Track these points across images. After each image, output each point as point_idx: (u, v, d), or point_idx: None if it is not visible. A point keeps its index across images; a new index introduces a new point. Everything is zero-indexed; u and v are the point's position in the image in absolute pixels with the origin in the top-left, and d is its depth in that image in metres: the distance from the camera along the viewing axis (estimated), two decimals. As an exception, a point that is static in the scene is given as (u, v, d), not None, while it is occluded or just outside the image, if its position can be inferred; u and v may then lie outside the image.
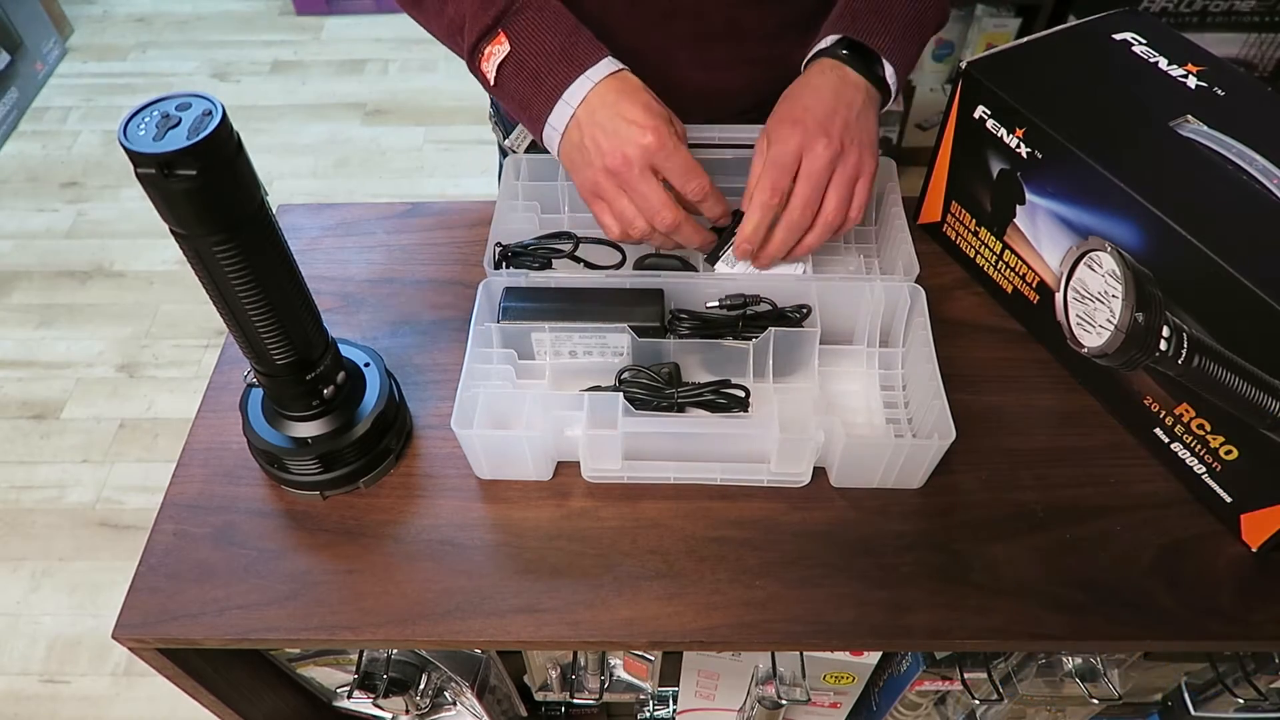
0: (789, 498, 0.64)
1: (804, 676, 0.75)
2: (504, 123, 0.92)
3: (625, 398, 0.62)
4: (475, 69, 0.68)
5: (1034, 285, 0.71)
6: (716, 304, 0.68)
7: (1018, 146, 0.66)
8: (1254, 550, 0.60)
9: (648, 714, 0.97)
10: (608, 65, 0.64)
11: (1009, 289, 0.74)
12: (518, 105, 0.67)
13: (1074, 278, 0.66)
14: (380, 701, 0.79)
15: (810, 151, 0.64)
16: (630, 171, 0.62)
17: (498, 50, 0.65)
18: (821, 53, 0.69)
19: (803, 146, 0.64)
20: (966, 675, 0.74)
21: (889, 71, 0.68)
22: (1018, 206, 0.69)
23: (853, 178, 0.65)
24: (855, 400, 0.69)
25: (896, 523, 0.62)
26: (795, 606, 0.58)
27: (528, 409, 0.65)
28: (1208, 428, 0.60)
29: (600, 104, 0.63)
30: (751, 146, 0.75)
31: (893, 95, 0.70)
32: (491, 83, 0.67)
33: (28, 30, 2.55)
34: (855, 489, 0.64)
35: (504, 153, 1.00)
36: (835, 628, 0.58)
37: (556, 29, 0.65)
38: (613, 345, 0.67)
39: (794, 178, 0.64)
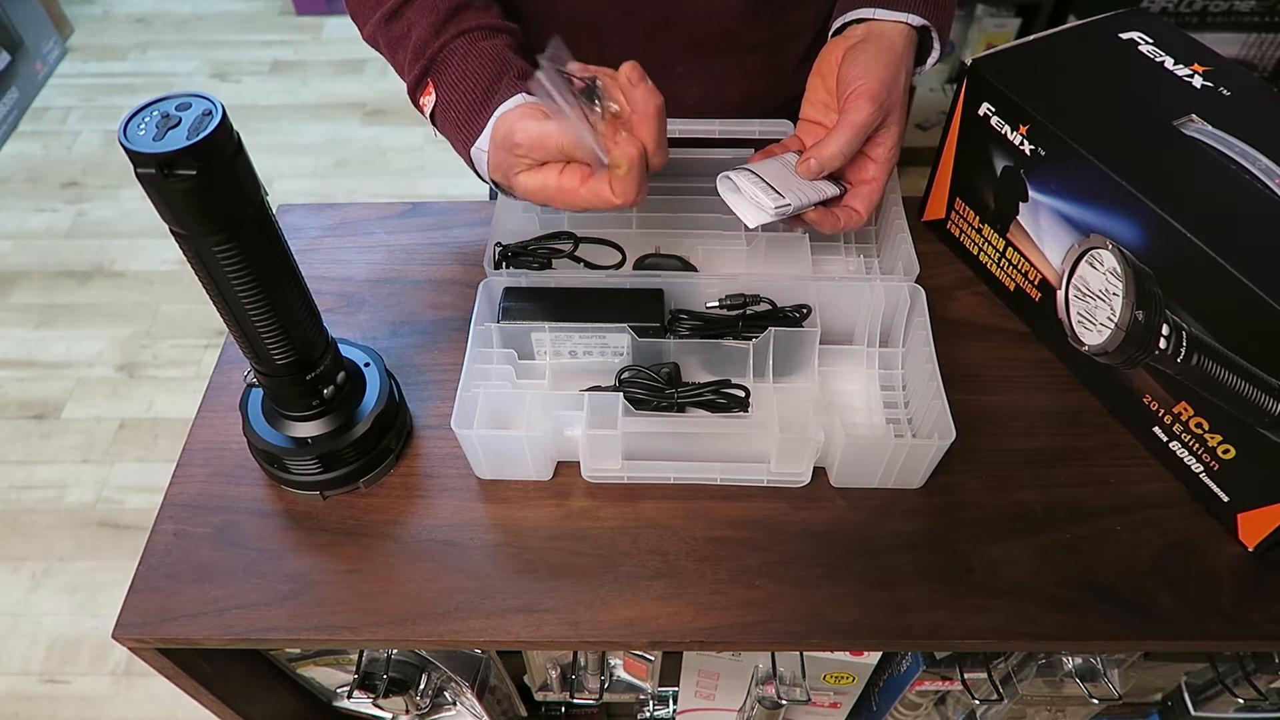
0: (789, 498, 0.64)
1: (804, 676, 0.75)
2: None
3: (625, 398, 0.62)
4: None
5: (1036, 283, 0.71)
6: (716, 304, 0.68)
7: (1021, 143, 0.66)
8: (1251, 550, 0.60)
9: (648, 714, 0.97)
10: (514, 102, 0.62)
11: (1011, 286, 0.74)
12: (458, 152, 0.66)
13: (1075, 275, 0.66)
14: (380, 701, 0.78)
15: (881, 142, 0.65)
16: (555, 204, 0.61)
17: (427, 101, 0.65)
18: (904, 20, 0.67)
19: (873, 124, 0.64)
20: (966, 675, 0.74)
21: (932, 58, 0.69)
22: (1021, 204, 0.69)
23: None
24: (855, 400, 0.69)
25: (896, 523, 0.62)
26: (795, 606, 0.58)
27: (528, 409, 0.65)
28: (1206, 426, 0.60)
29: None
30: (748, 144, 0.75)
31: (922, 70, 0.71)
32: (435, 134, 0.67)
33: (28, 30, 2.55)
34: (855, 489, 0.64)
35: None
36: (835, 628, 0.58)
37: (481, 76, 0.64)
38: (613, 345, 0.67)
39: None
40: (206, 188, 0.45)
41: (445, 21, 0.65)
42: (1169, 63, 0.67)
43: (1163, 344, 0.60)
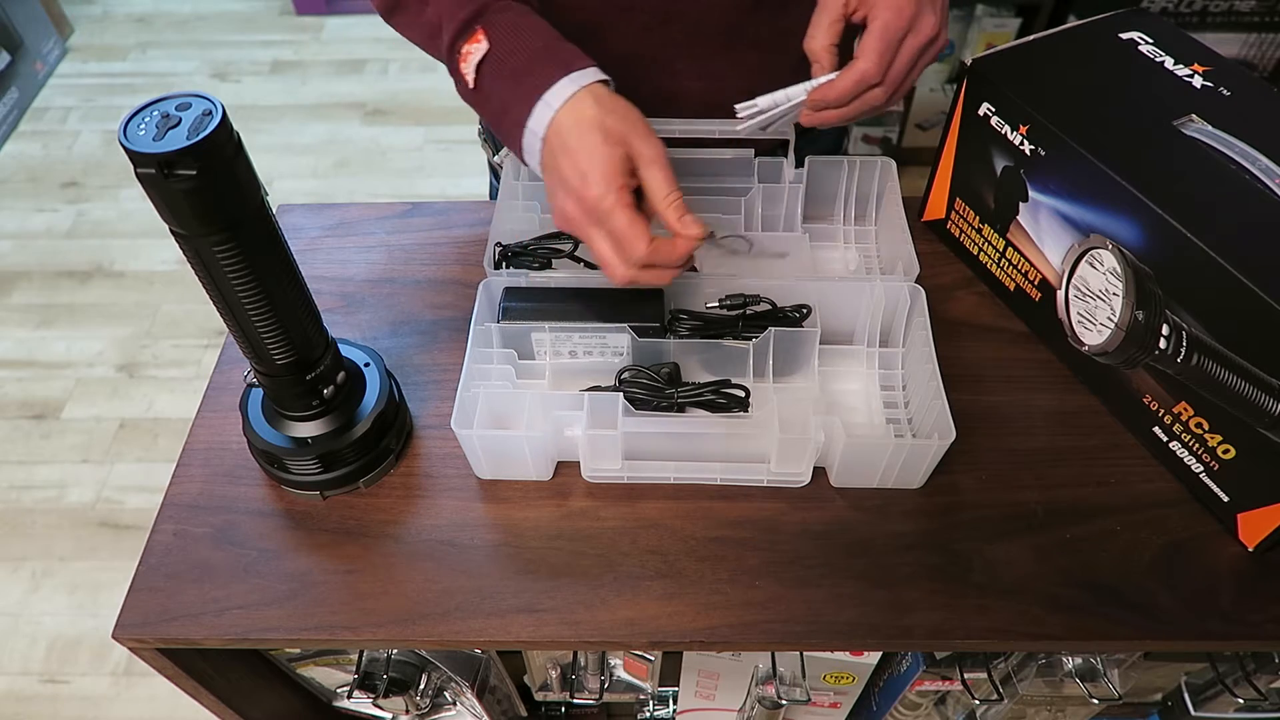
0: (789, 498, 0.64)
1: (804, 676, 0.75)
2: (493, 139, 0.92)
3: (625, 398, 0.62)
4: (455, 72, 0.65)
5: (1036, 283, 0.71)
6: (716, 304, 0.68)
7: (1021, 143, 0.66)
8: (1251, 550, 0.60)
9: (648, 714, 0.97)
10: (595, 73, 0.61)
11: (1011, 286, 0.74)
12: (497, 109, 0.63)
13: (1075, 275, 0.66)
14: (380, 701, 0.78)
15: (917, 29, 0.63)
16: (577, 224, 0.59)
17: (475, 49, 0.62)
18: None
19: (914, 19, 0.63)
20: (966, 675, 0.74)
21: None
22: (1021, 204, 0.69)
23: (934, 56, 0.66)
24: (855, 400, 0.69)
25: (896, 523, 0.62)
26: (795, 606, 0.58)
27: (528, 409, 0.65)
28: (1206, 426, 0.60)
29: (571, 124, 0.59)
30: (749, 144, 0.75)
31: None
32: (471, 85, 0.64)
33: (28, 30, 2.55)
34: (855, 489, 0.64)
35: (494, 171, 1.00)
36: (835, 628, 0.58)
37: (540, 31, 0.62)
38: (613, 345, 0.67)
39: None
40: (206, 188, 0.45)
41: None
42: (1169, 63, 0.67)
43: (1163, 344, 0.60)
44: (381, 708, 0.83)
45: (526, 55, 0.61)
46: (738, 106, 0.68)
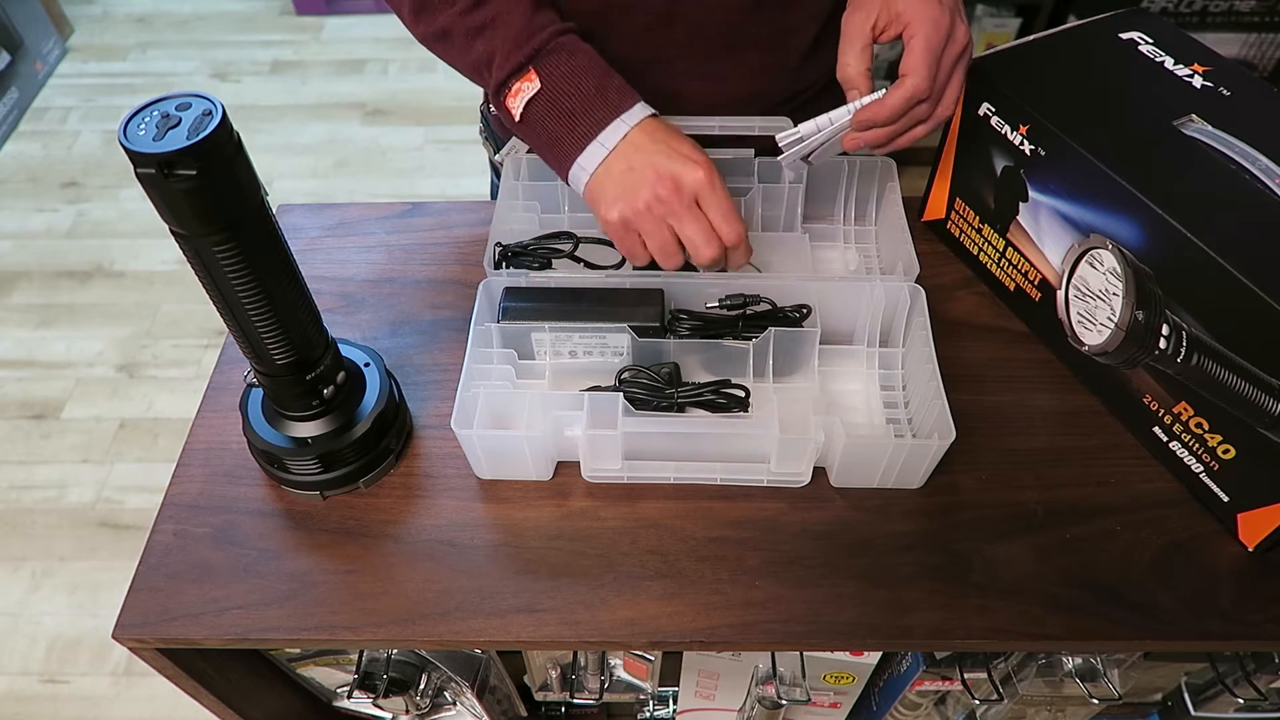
0: (789, 498, 0.64)
1: (804, 676, 0.75)
2: (494, 138, 0.92)
3: (625, 398, 0.62)
4: (499, 104, 0.67)
5: (1036, 283, 0.71)
6: (716, 304, 0.68)
7: (1021, 143, 0.66)
8: (1251, 550, 0.60)
9: (648, 714, 0.97)
10: (642, 110, 0.65)
11: (1011, 286, 0.74)
12: (545, 142, 0.66)
13: (1075, 275, 0.66)
14: (380, 701, 0.79)
15: (954, 39, 0.64)
16: (678, 200, 0.62)
17: (527, 88, 0.65)
18: None
19: (950, 30, 0.64)
20: (966, 675, 0.74)
21: None
22: (1021, 204, 0.69)
23: (966, 64, 0.67)
24: (855, 400, 0.69)
25: (896, 523, 0.62)
26: (795, 606, 0.58)
27: (528, 409, 0.65)
28: (1206, 426, 0.60)
29: (643, 141, 0.63)
30: (749, 142, 0.75)
31: None
32: (517, 119, 0.66)
33: (28, 30, 2.55)
34: (855, 489, 0.64)
35: (494, 168, 1.00)
36: (835, 628, 0.58)
37: (590, 72, 0.65)
38: (613, 345, 0.67)
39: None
40: (206, 188, 0.45)
41: (538, 8, 0.66)
42: (1169, 63, 0.67)
43: (1163, 344, 0.60)
44: (381, 708, 0.83)
45: (579, 98, 0.64)
46: (778, 137, 0.68)
